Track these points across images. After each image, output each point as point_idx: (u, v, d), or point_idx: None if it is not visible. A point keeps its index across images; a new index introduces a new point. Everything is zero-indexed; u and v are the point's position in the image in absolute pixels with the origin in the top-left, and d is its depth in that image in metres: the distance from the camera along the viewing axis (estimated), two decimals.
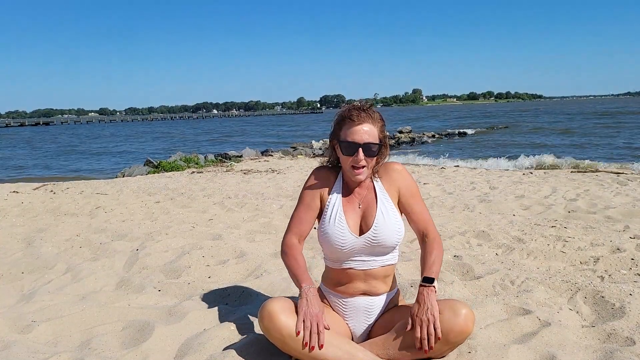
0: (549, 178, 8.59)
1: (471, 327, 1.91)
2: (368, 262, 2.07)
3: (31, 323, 2.51)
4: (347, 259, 2.07)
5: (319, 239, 2.11)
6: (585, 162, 12.59)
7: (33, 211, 6.03)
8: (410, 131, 28.62)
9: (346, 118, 1.99)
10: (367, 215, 2.07)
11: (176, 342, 2.28)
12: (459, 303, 1.94)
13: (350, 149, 1.97)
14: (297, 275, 2.06)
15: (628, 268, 3.22)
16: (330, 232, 2.05)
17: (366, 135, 1.96)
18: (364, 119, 1.97)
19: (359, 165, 1.99)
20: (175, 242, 4.15)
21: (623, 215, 5.01)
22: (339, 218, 2.06)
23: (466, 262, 3.34)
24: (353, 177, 2.03)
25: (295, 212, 2.18)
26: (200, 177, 10.29)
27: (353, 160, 1.98)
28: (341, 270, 2.10)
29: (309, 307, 1.92)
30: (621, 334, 2.24)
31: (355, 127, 1.96)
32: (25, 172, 17.85)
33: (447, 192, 7.21)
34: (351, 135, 1.97)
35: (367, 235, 2.04)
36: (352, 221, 2.07)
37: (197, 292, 2.98)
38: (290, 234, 2.16)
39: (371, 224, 2.04)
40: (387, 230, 2.03)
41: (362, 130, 1.96)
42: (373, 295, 2.12)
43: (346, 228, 2.05)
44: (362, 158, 1.97)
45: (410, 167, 12.25)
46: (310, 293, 1.97)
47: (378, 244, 2.04)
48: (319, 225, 2.13)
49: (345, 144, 1.98)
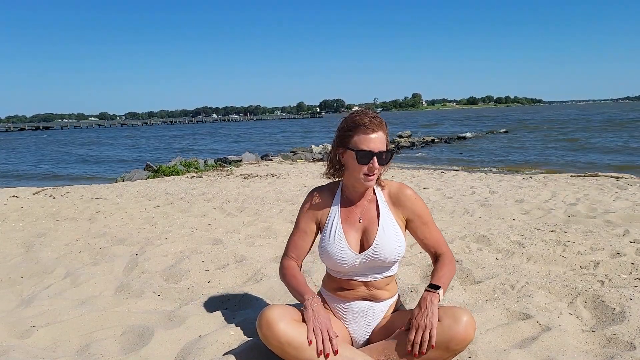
0: (548, 182, 8.60)
1: (472, 335, 1.89)
2: (369, 274, 2.08)
3: (30, 328, 2.50)
4: (348, 272, 2.09)
5: (320, 255, 2.12)
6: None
7: (32, 216, 6.02)
8: (410, 135, 28.69)
9: (360, 126, 1.95)
10: (368, 230, 2.07)
11: (176, 347, 2.27)
12: (461, 310, 1.92)
13: (366, 158, 1.94)
14: (298, 289, 2.05)
15: (628, 272, 3.22)
16: (330, 249, 2.06)
17: (379, 143, 1.95)
18: (377, 127, 1.95)
19: (373, 173, 1.98)
20: (174, 246, 4.14)
21: (623, 220, 5.01)
22: (339, 235, 2.06)
23: (466, 267, 3.33)
24: (365, 183, 2.01)
25: (291, 237, 2.20)
26: (200, 181, 10.29)
27: (368, 168, 1.96)
28: (343, 279, 2.12)
29: (316, 316, 1.91)
30: (621, 338, 2.23)
31: (370, 135, 1.94)
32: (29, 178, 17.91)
33: (446, 196, 7.21)
34: (366, 143, 1.94)
35: (367, 252, 2.04)
36: (352, 238, 2.07)
37: (197, 297, 2.98)
38: (287, 258, 2.19)
39: (372, 241, 2.04)
40: (388, 247, 2.03)
41: (376, 139, 1.94)
42: (374, 301, 2.12)
43: (346, 245, 2.05)
44: (377, 166, 1.96)
45: (410, 171, 12.26)
46: (314, 303, 1.96)
47: (378, 260, 2.04)
48: (319, 241, 2.14)
49: (361, 153, 1.94)
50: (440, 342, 1.86)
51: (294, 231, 2.21)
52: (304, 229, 2.17)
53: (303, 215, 2.18)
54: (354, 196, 2.11)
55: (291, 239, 2.20)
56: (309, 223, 2.16)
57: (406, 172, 11.92)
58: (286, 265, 2.17)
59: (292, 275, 2.11)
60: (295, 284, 2.08)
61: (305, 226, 2.16)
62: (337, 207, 2.12)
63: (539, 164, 15.71)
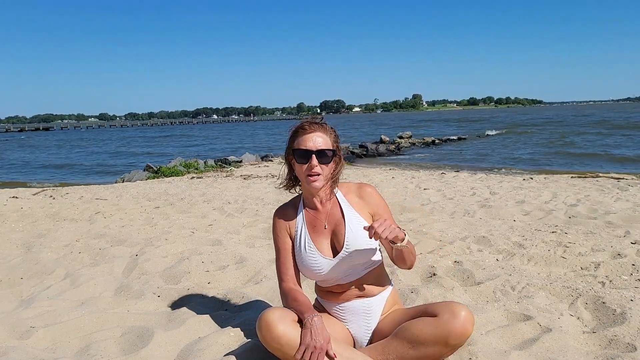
0: (549, 183, 8.59)
1: (470, 329, 1.89)
2: (353, 274, 2.09)
3: (30, 329, 2.50)
4: (331, 279, 2.10)
5: (300, 270, 2.14)
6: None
7: (32, 216, 6.02)
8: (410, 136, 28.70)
9: (298, 129, 2.07)
10: (336, 233, 2.09)
11: (175, 348, 2.27)
12: (458, 305, 1.92)
13: (304, 157, 2.02)
14: (300, 310, 1.98)
15: (629, 274, 3.21)
16: (304, 262, 2.09)
17: (319, 142, 2.02)
18: (316, 128, 2.05)
19: (314, 173, 2.02)
20: (174, 247, 4.14)
21: (624, 221, 5.00)
22: (309, 246, 2.09)
23: (467, 268, 3.33)
24: (309, 185, 2.05)
25: (277, 262, 2.19)
26: (200, 182, 10.29)
27: (307, 167, 2.02)
28: (331, 285, 2.13)
29: (312, 338, 1.86)
30: (622, 340, 2.23)
31: (307, 135, 2.03)
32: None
33: (447, 197, 7.20)
34: (304, 143, 2.03)
35: (340, 254, 2.05)
36: (321, 245, 2.09)
37: (197, 298, 2.97)
38: (284, 283, 2.14)
39: (342, 242, 2.06)
40: (359, 244, 2.04)
41: (314, 138, 2.03)
42: (369, 297, 2.13)
43: (317, 254, 2.07)
44: (316, 164, 2.01)
45: (410, 172, 12.25)
46: (314, 323, 1.89)
47: (354, 259, 2.05)
48: (293, 256, 2.15)
49: (298, 152, 2.04)
50: (440, 337, 1.87)
51: (277, 255, 2.19)
52: (284, 247, 2.17)
53: (277, 235, 2.19)
54: (315, 204, 2.15)
55: (278, 264, 2.18)
56: (284, 240, 2.17)
57: (406, 173, 11.92)
58: (285, 291, 2.11)
59: (293, 299, 2.05)
60: (296, 304, 2.02)
61: (282, 243, 2.17)
62: (302, 218, 2.16)
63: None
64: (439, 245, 4.05)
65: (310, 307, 1.98)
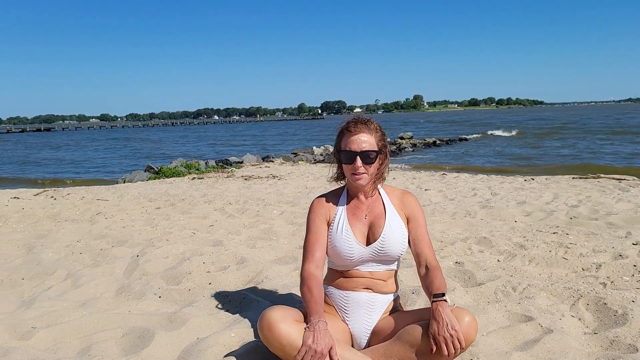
0: (550, 184, 8.58)
1: (474, 335, 1.90)
2: (374, 266, 2.15)
3: (31, 329, 2.50)
4: (354, 267, 2.15)
5: (328, 251, 2.17)
6: None
7: (33, 217, 6.03)
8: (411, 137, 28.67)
9: (344, 130, 2.14)
10: (374, 225, 2.15)
11: (176, 349, 2.27)
12: (462, 311, 1.92)
13: (349, 158, 2.09)
14: (309, 307, 1.99)
15: (630, 275, 3.21)
16: (337, 244, 2.13)
17: (363, 144, 2.08)
18: (361, 129, 2.11)
19: (359, 172, 2.09)
20: (175, 248, 4.14)
21: (625, 222, 5.00)
22: (346, 229, 2.15)
23: (468, 269, 3.32)
24: (354, 182, 2.13)
25: (305, 242, 2.21)
26: (201, 183, 10.30)
27: (352, 167, 2.09)
28: (347, 271, 2.17)
29: (314, 342, 1.86)
30: (624, 341, 2.23)
31: (352, 137, 2.10)
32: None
33: (448, 198, 7.20)
34: (349, 144, 2.10)
35: (374, 245, 2.12)
36: (358, 232, 2.15)
37: (198, 299, 2.97)
38: (307, 263, 2.15)
39: (379, 234, 2.12)
40: (394, 240, 2.12)
41: (359, 140, 2.08)
42: (376, 292, 2.15)
43: (353, 239, 2.13)
44: (360, 165, 2.08)
45: (411, 173, 12.25)
46: (318, 328, 1.89)
47: (385, 254, 2.12)
48: (327, 238, 2.18)
49: (344, 153, 2.11)
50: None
51: (307, 235, 2.21)
52: (316, 230, 2.19)
53: (312, 219, 2.22)
54: (359, 195, 2.21)
55: (306, 244, 2.20)
56: (319, 225, 2.20)
57: (407, 173, 11.91)
58: (305, 276, 2.11)
59: (308, 289, 2.05)
60: (308, 298, 2.02)
61: (317, 227, 2.20)
62: (344, 206, 2.22)
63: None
64: (439, 246, 4.05)
65: (319, 309, 1.98)
